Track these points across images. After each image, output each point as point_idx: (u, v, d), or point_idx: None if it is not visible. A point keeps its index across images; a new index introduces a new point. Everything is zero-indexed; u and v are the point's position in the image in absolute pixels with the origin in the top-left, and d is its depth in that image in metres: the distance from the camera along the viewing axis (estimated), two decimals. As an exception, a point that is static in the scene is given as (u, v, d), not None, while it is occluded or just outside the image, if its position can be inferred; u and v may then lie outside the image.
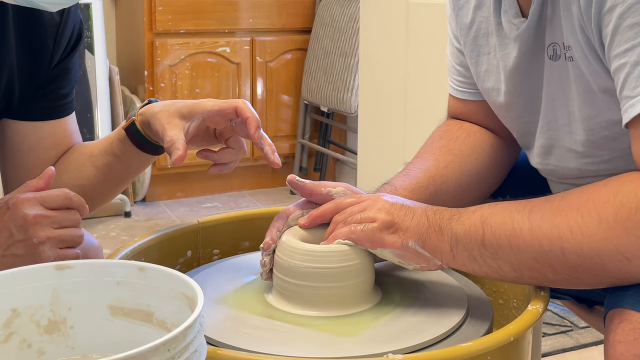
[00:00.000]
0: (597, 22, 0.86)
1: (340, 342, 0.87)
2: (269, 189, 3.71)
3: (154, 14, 3.25)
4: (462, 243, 0.88)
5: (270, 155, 1.02)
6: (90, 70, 3.02)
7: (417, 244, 0.89)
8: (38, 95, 1.15)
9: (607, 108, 0.91)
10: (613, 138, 0.94)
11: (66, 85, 1.19)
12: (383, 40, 2.93)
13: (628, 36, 0.82)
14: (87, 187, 1.14)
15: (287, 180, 0.99)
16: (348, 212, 0.94)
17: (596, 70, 0.90)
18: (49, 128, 1.18)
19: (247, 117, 1.02)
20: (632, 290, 0.82)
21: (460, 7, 1.12)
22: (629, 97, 0.82)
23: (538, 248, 0.83)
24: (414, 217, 0.90)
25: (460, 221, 0.88)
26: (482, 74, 1.10)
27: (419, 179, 1.08)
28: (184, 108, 1.03)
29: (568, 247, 0.81)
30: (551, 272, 0.84)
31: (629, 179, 0.81)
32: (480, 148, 1.16)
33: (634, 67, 0.81)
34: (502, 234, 0.85)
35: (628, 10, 0.81)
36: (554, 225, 0.82)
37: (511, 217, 0.85)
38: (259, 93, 3.54)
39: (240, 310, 0.94)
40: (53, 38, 1.14)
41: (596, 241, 0.80)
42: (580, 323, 2.23)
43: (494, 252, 0.86)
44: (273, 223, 0.99)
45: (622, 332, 0.80)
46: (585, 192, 0.84)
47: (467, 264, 0.88)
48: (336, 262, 0.91)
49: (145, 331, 0.75)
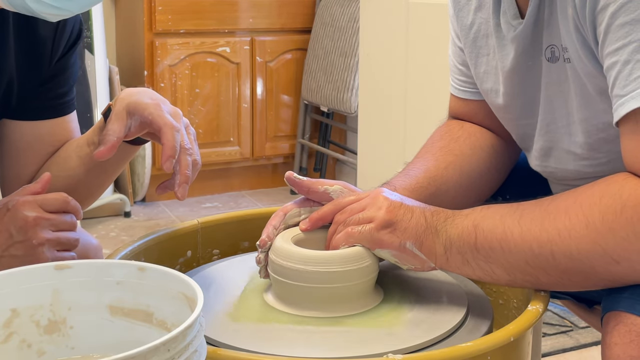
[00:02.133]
0: (591, 21, 0.86)
1: (340, 342, 0.87)
2: (269, 189, 3.70)
3: (153, 14, 3.25)
4: (455, 246, 0.88)
5: (176, 185, 0.98)
6: (90, 70, 3.02)
7: (415, 246, 0.89)
8: (37, 95, 1.15)
9: (603, 110, 0.91)
10: (610, 140, 0.94)
11: (65, 84, 1.18)
12: (383, 40, 2.93)
13: (619, 35, 0.82)
14: (72, 178, 1.14)
15: (285, 177, 0.99)
16: (348, 211, 0.94)
17: (591, 71, 0.90)
18: (48, 126, 1.17)
19: (163, 143, 0.98)
20: (627, 293, 0.82)
21: (461, 8, 1.12)
22: (619, 95, 0.82)
23: (529, 252, 0.83)
24: (412, 218, 0.90)
25: (455, 224, 0.88)
26: (481, 75, 1.10)
27: (419, 179, 1.08)
28: (132, 104, 1.02)
29: (557, 250, 0.82)
30: (543, 275, 0.84)
31: (614, 180, 0.81)
32: (481, 148, 1.16)
33: (624, 66, 0.81)
34: (494, 237, 0.85)
35: (620, 9, 0.81)
36: (543, 229, 0.83)
37: (502, 220, 0.86)
38: (259, 93, 3.54)
39: (240, 310, 0.94)
40: (52, 38, 1.14)
41: (584, 244, 0.80)
42: (580, 323, 2.23)
43: (486, 255, 0.86)
44: (270, 220, 0.99)
45: (619, 334, 0.80)
46: (572, 194, 0.84)
47: (461, 267, 0.89)
48: (337, 266, 0.91)
49: (145, 331, 0.75)
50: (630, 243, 0.78)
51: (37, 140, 1.17)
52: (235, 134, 3.51)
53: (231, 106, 3.48)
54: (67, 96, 1.19)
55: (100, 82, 3.10)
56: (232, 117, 3.49)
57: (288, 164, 3.72)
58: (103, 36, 3.17)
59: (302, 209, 1.00)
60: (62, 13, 0.97)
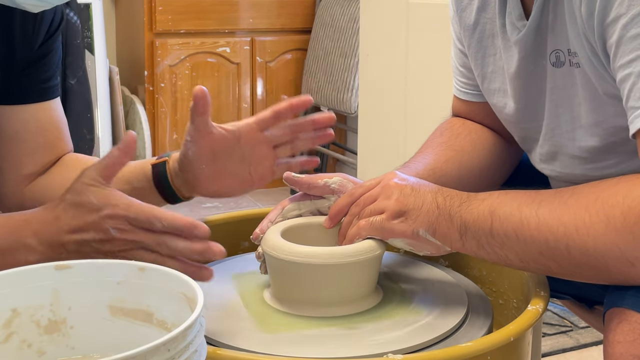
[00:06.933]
0: (600, 33, 0.86)
1: (340, 342, 0.87)
2: (269, 189, 3.70)
3: (154, 14, 3.25)
4: (471, 231, 0.88)
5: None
6: (90, 70, 3.02)
7: (428, 232, 0.90)
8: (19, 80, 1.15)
9: (615, 114, 0.91)
10: (621, 143, 0.93)
11: (48, 69, 1.18)
12: (383, 40, 2.93)
13: (632, 46, 0.81)
14: None
15: (284, 178, 1.00)
16: (362, 203, 0.94)
17: (602, 75, 0.90)
18: (32, 111, 1.16)
19: None
20: (633, 290, 0.82)
21: (464, 8, 1.12)
22: (635, 107, 0.82)
23: (544, 243, 0.83)
24: (424, 205, 0.91)
25: (470, 209, 0.89)
26: (489, 75, 1.10)
27: (418, 172, 1.08)
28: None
29: (573, 245, 0.82)
30: (555, 266, 0.85)
31: (639, 182, 0.81)
32: (482, 145, 1.16)
33: (638, 78, 0.81)
34: (510, 225, 0.85)
35: (632, 21, 0.81)
36: (561, 223, 0.82)
37: (519, 209, 0.86)
38: (259, 93, 3.54)
39: (240, 310, 0.94)
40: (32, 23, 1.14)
41: (601, 243, 0.80)
42: (580, 323, 2.23)
43: (501, 242, 0.86)
44: (267, 215, 1.00)
45: (622, 332, 0.80)
46: (594, 190, 0.83)
47: (476, 251, 0.89)
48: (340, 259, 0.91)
49: (145, 331, 0.74)
50: None
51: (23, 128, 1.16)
52: (236, 134, 3.50)
53: (231, 106, 3.48)
54: (50, 81, 1.19)
55: (100, 82, 3.10)
56: (232, 117, 3.49)
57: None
58: (103, 36, 3.17)
59: (301, 203, 1.01)
60: (43, 4, 0.99)
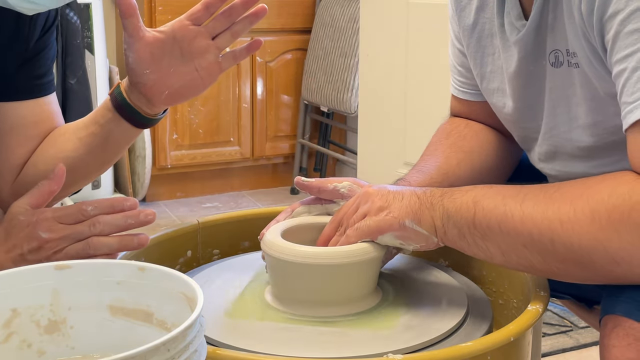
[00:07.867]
0: (599, 29, 0.86)
1: (340, 341, 0.87)
2: (269, 189, 3.71)
3: (154, 14, 3.25)
4: (453, 220, 0.88)
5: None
6: (90, 70, 3.02)
7: (414, 222, 0.90)
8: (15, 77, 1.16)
9: (615, 113, 0.91)
10: (621, 142, 0.94)
11: (43, 65, 1.19)
12: (383, 40, 2.93)
13: (628, 42, 0.82)
14: (70, 159, 1.14)
15: (295, 183, 1.02)
16: (345, 216, 0.96)
17: (602, 75, 0.90)
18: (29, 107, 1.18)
19: None
20: (624, 297, 0.82)
21: (462, 8, 1.12)
22: (627, 103, 0.82)
23: (527, 236, 0.83)
24: (404, 198, 0.92)
25: (452, 198, 0.89)
26: (488, 75, 1.10)
27: (432, 175, 1.09)
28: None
29: (558, 240, 0.81)
30: (539, 262, 0.84)
31: (625, 180, 0.81)
32: (489, 145, 1.17)
33: (632, 73, 0.81)
34: (493, 217, 0.85)
35: (629, 17, 0.81)
36: (545, 217, 0.82)
37: (504, 201, 0.86)
38: (259, 93, 3.54)
39: (240, 310, 0.94)
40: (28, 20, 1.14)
41: (586, 239, 0.80)
42: (580, 323, 2.23)
43: (483, 233, 0.86)
44: (277, 217, 1.01)
45: (617, 337, 0.80)
46: (580, 186, 0.83)
47: (457, 241, 0.89)
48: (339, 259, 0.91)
49: (145, 331, 0.75)
50: (633, 247, 0.78)
51: (20, 123, 1.17)
52: (236, 134, 3.51)
53: (231, 106, 3.48)
54: (45, 77, 1.20)
55: (100, 82, 3.10)
56: (232, 117, 3.49)
57: (288, 164, 3.72)
58: (103, 36, 3.17)
59: (312, 206, 1.03)
60: (38, 8, 1.00)
